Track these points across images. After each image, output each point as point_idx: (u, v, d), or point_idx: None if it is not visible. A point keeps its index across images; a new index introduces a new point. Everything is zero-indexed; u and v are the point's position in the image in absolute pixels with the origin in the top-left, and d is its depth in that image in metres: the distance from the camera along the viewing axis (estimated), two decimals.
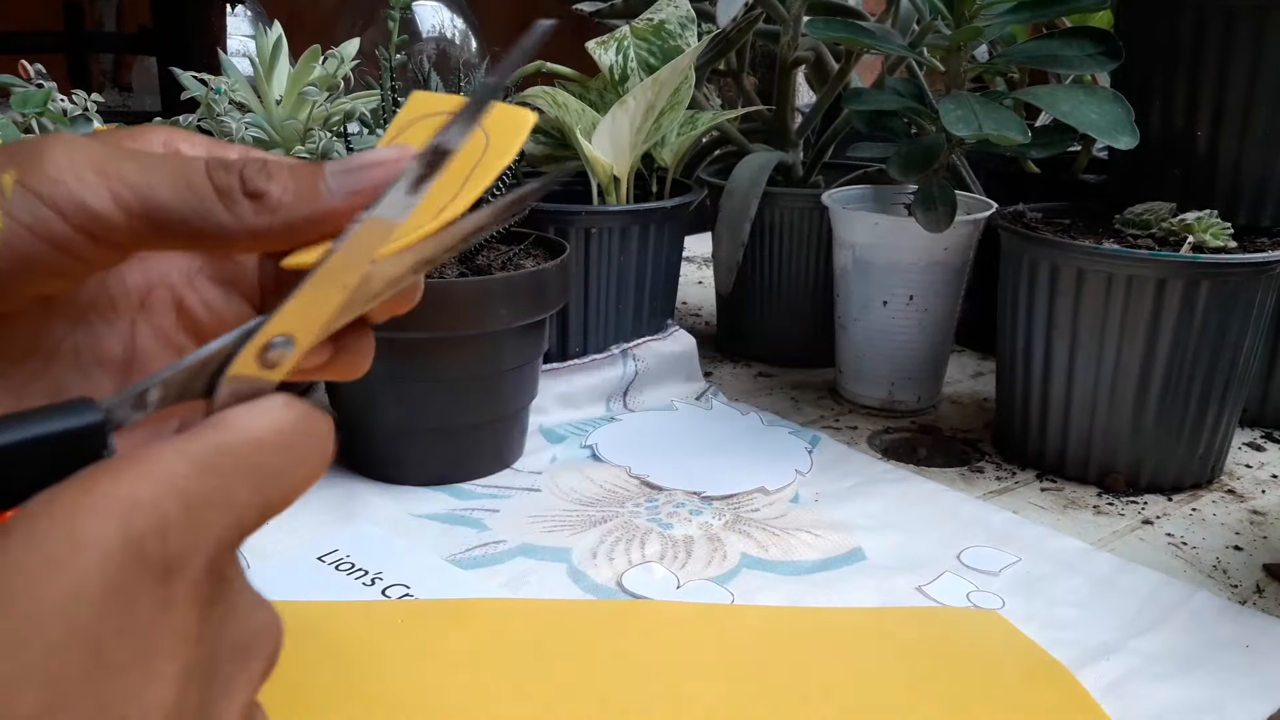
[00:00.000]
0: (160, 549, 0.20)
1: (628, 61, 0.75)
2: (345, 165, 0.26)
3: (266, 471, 0.23)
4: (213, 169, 0.25)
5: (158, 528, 0.20)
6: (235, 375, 0.24)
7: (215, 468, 0.22)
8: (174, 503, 0.21)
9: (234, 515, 0.22)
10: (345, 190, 0.25)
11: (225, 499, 0.22)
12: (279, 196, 0.25)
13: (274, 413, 0.23)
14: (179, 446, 0.22)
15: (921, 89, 0.75)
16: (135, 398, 0.23)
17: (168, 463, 0.21)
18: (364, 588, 0.51)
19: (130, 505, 0.20)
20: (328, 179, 0.25)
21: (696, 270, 1.17)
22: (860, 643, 0.49)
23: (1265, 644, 0.50)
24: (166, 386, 0.23)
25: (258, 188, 0.25)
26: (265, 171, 0.25)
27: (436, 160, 0.25)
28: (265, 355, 0.24)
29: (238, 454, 0.22)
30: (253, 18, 1.79)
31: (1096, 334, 0.63)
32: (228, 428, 0.23)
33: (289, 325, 0.24)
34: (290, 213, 0.25)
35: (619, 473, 0.65)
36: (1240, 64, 0.63)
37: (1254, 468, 0.70)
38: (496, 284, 0.59)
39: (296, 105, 0.68)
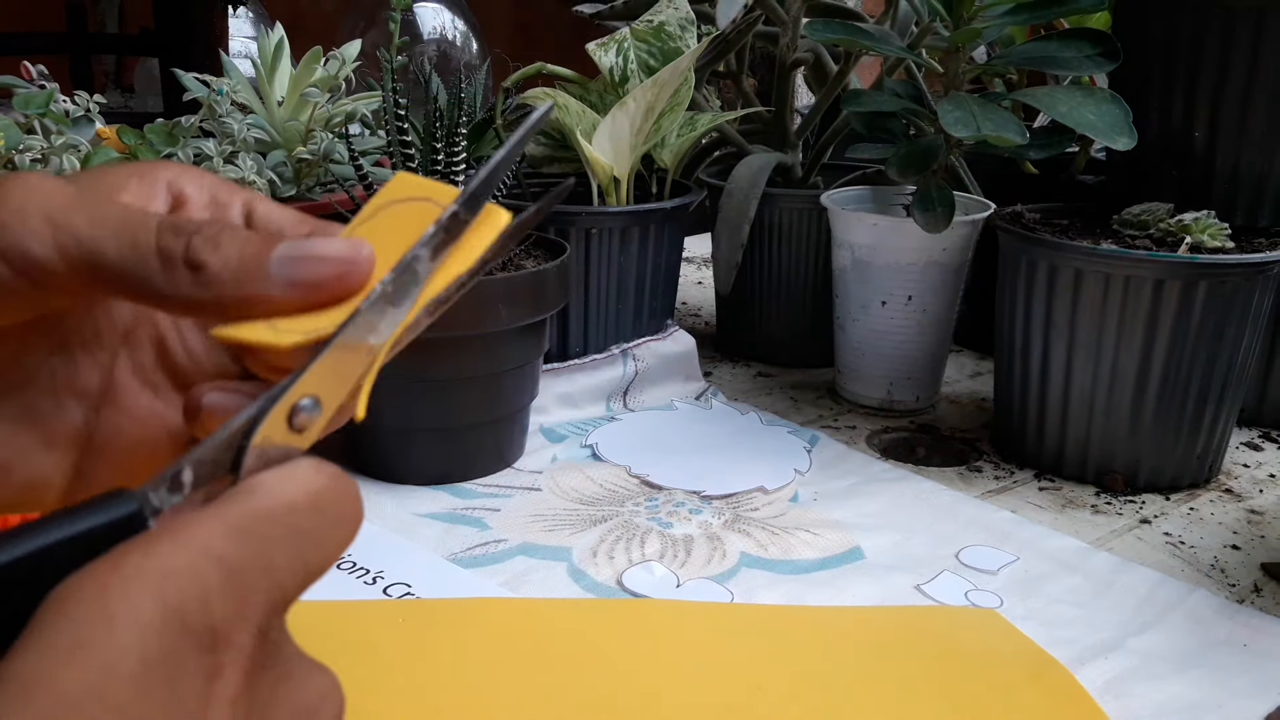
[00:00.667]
0: (203, 617, 0.20)
1: (628, 63, 0.75)
2: (296, 251, 0.25)
3: (304, 535, 0.22)
4: (163, 231, 0.24)
5: (199, 595, 0.20)
6: (264, 441, 0.23)
7: (252, 532, 0.21)
8: (213, 570, 0.20)
9: (276, 580, 0.21)
10: (286, 279, 0.25)
11: (265, 564, 0.21)
12: (217, 271, 0.24)
13: (305, 476, 0.23)
14: (212, 513, 0.21)
15: (920, 90, 0.75)
16: (170, 480, 0.22)
17: (203, 531, 0.21)
18: (365, 586, 0.52)
19: (164, 575, 0.20)
20: (275, 263, 0.25)
21: (696, 270, 1.17)
22: (859, 641, 0.49)
23: (1263, 643, 0.50)
24: (199, 465, 0.23)
25: (198, 258, 0.24)
26: (213, 242, 0.25)
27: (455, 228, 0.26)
28: (293, 419, 0.24)
29: (273, 518, 0.22)
30: (254, 19, 1.79)
31: (1094, 334, 0.63)
32: (261, 493, 0.22)
33: (315, 386, 0.24)
34: (223, 290, 0.25)
35: (619, 472, 0.66)
36: (1238, 65, 0.63)
37: (1251, 467, 0.70)
38: (497, 284, 0.59)
39: (298, 106, 0.68)
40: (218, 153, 0.65)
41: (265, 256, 0.25)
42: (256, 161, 0.66)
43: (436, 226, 0.25)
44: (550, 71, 0.81)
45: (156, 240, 0.24)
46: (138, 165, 0.29)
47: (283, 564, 0.22)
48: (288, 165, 0.70)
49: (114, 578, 0.19)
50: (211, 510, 0.21)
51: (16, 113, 0.63)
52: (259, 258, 0.25)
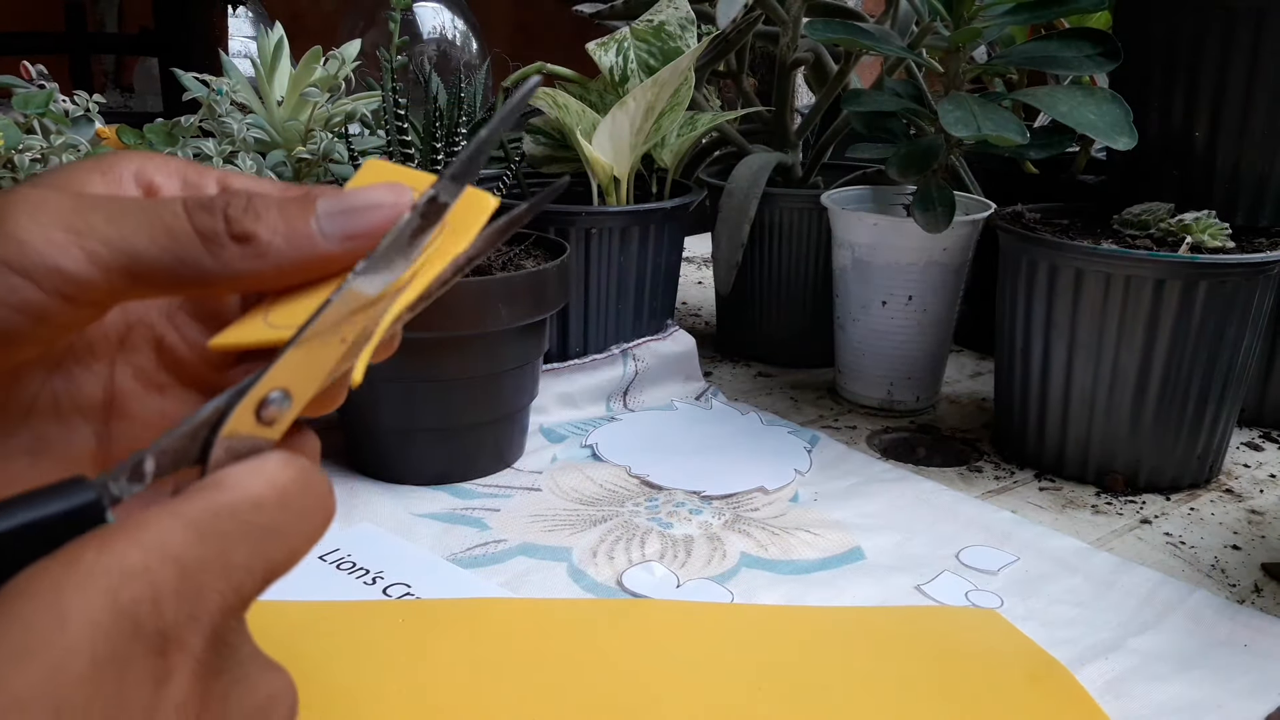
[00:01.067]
0: (154, 618, 0.19)
1: (628, 63, 0.75)
2: (340, 205, 0.24)
3: (267, 532, 0.21)
4: (193, 211, 0.23)
5: (150, 596, 0.19)
6: (231, 434, 0.22)
7: (212, 530, 0.20)
8: (168, 570, 0.19)
9: (234, 580, 0.21)
10: (339, 234, 0.24)
11: (224, 563, 0.20)
12: (268, 239, 0.23)
13: (272, 470, 0.22)
14: (172, 510, 0.20)
15: (920, 90, 0.75)
16: (131, 469, 0.22)
17: (161, 528, 0.20)
18: (365, 587, 0.52)
19: (118, 574, 0.19)
20: (321, 220, 0.24)
21: (696, 270, 1.17)
22: (859, 641, 0.49)
23: (1263, 643, 0.50)
24: (162, 455, 0.22)
25: (245, 229, 0.23)
26: (252, 210, 0.23)
27: (432, 212, 0.24)
28: (262, 411, 0.23)
29: (236, 515, 0.21)
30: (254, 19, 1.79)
31: (1095, 334, 0.63)
32: (225, 488, 0.21)
33: (286, 379, 0.23)
34: (281, 257, 0.23)
35: (619, 472, 0.66)
36: (1238, 65, 0.63)
37: (1252, 467, 0.70)
38: (497, 284, 0.59)
39: (298, 106, 0.68)
40: (217, 152, 0.65)
41: (308, 213, 0.24)
42: (256, 161, 0.66)
43: (413, 212, 0.24)
44: (550, 71, 0.81)
45: (191, 222, 0.23)
46: (95, 160, 0.26)
47: (242, 563, 0.21)
48: (287, 165, 0.70)
49: (68, 576, 0.19)
50: (172, 506, 0.21)
51: (16, 112, 0.63)
52: (303, 216, 0.24)
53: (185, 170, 0.27)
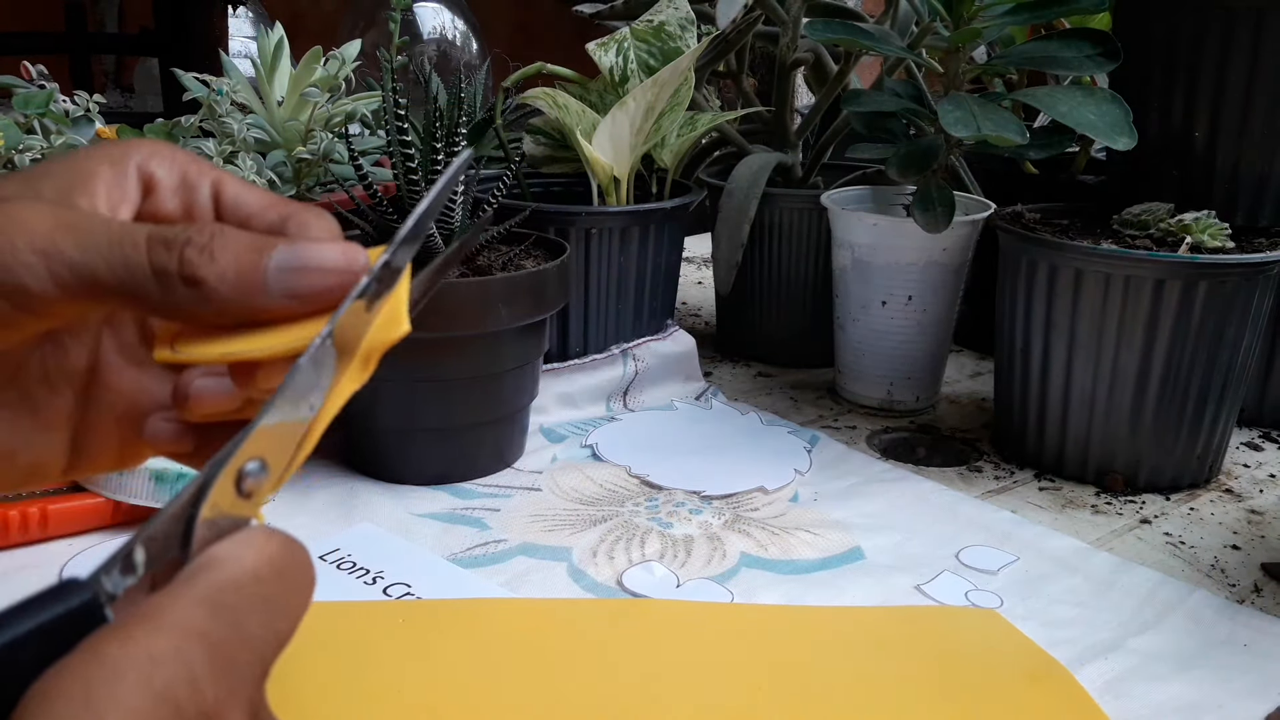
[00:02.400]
0: (195, 699, 0.19)
1: (628, 63, 0.75)
2: (293, 261, 0.25)
3: (270, 601, 0.22)
4: (153, 247, 0.24)
5: (187, 677, 0.19)
6: (213, 512, 0.22)
7: (225, 605, 0.21)
8: (197, 649, 0.19)
9: (255, 649, 0.21)
10: (285, 290, 0.25)
11: (243, 635, 0.21)
12: (215, 285, 0.24)
13: (259, 544, 0.22)
14: (181, 592, 0.20)
15: (920, 90, 0.75)
16: (122, 562, 0.21)
17: (176, 609, 0.20)
18: (365, 587, 0.52)
19: (147, 661, 0.19)
20: (271, 273, 0.25)
21: (696, 270, 1.17)
22: (859, 641, 0.49)
23: (1263, 643, 0.50)
24: (150, 542, 0.22)
25: (194, 274, 0.24)
26: (207, 253, 0.24)
27: (388, 277, 0.25)
28: (241, 484, 0.23)
29: (241, 589, 0.21)
30: (254, 19, 1.79)
31: (1094, 334, 0.63)
32: (223, 565, 0.21)
33: (261, 449, 0.23)
34: (224, 304, 0.25)
35: (619, 472, 0.66)
36: (1238, 65, 0.63)
37: (1252, 467, 0.70)
38: (497, 284, 0.59)
39: (298, 106, 0.68)
40: (217, 152, 0.65)
41: (261, 265, 0.25)
42: (256, 161, 0.66)
43: (369, 277, 0.25)
44: (550, 71, 0.81)
45: (149, 258, 0.24)
46: (110, 149, 0.29)
47: (258, 634, 0.21)
48: (287, 165, 0.70)
49: (95, 673, 0.18)
50: (178, 589, 0.21)
51: (16, 112, 0.63)
52: (256, 267, 0.25)
53: (187, 167, 0.29)
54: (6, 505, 0.53)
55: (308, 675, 0.44)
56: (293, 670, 0.44)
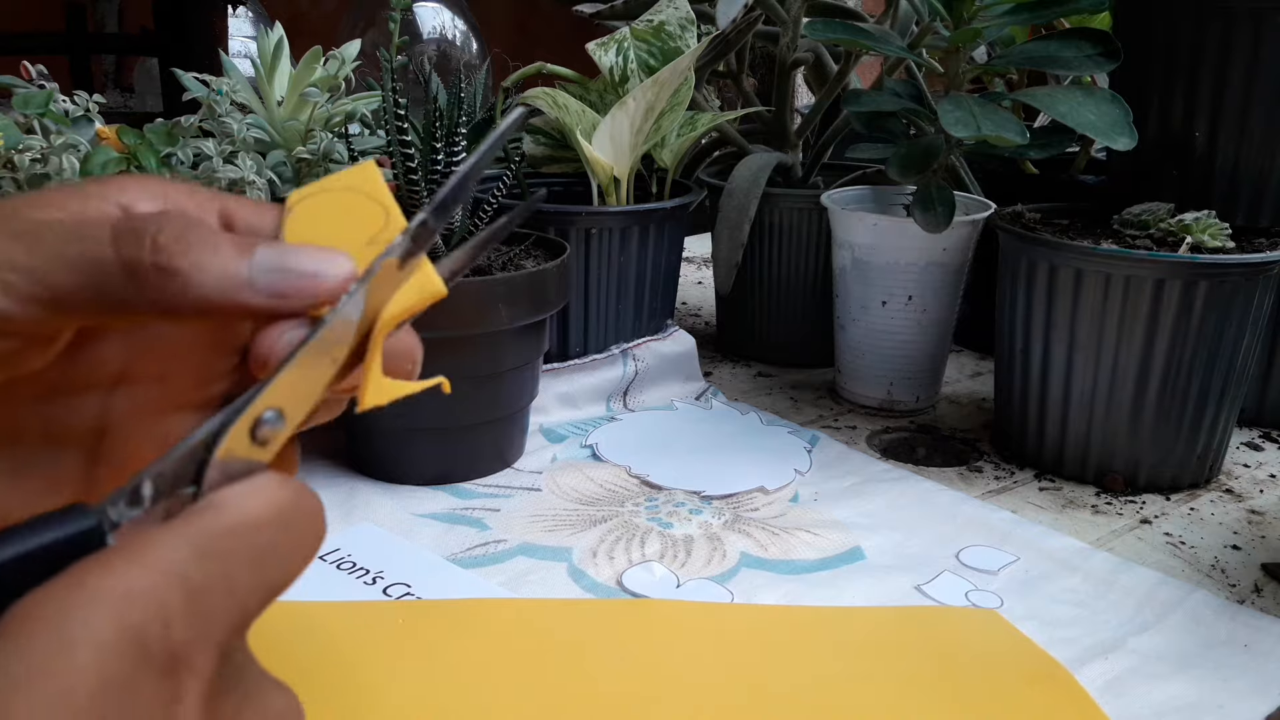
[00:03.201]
0: (163, 639, 0.19)
1: (628, 63, 0.75)
2: (278, 260, 0.23)
3: (267, 552, 0.21)
4: (121, 237, 0.22)
5: (159, 617, 0.19)
6: (226, 455, 0.23)
7: (215, 551, 0.20)
8: (175, 590, 0.19)
9: (238, 600, 0.21)
10: (269, 289, 0.23)
11: (228, 584, 0.20)
12: (193, 277, 0.22)
13: (270, 491, 0.22)
14: (175, 531, 0.20)
15: (920, 90, 0.75)
16: (129, 494, 0.22)
17: (164, 549, 0.20)
18: (365, 587, 0.52)
19: (124, 596, 0.19)
20: (254, 270, 0.23)
21: (696, 270, 1.17)
22: (859, 642, 0.49)
23: (1263, 643, 0.50)
24: (159, 478, 0.22)
25: (170, 263, 0.22)
26: (183, 242, 0.22)
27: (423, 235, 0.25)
28: (256, 431, 0.23)
29: (236, 535, 0.21)
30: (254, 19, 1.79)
31: (1094, 334, 0.63)
32: (224, 509, 0.21)
33: (279, 399, 0.23)
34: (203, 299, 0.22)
35: (619, 472, 0.66)
36: (1238, 65, 0.63)
37: (1252, 467, 0.70)
38: (497, 284, 0.59)
39: (298, 106, 0.68)
40: (217, 153, 0.65)
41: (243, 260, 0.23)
42: (256, 161, 0.66)
43: (404, 235, 0.25)
44: (550, 71, 0.81)
45: (115, 251, 0.22)
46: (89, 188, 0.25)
47: (245, 583, 0.21)
48: (287, 165, 0.70)
49: (73, 598, 0.18)
50: (174, 527, 0.20)
51: (16, 113, 0.63)
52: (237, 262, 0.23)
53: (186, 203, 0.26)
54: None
55: (308, 675, 0.44)
56: (293, 670, 0.44)
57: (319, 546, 0.23)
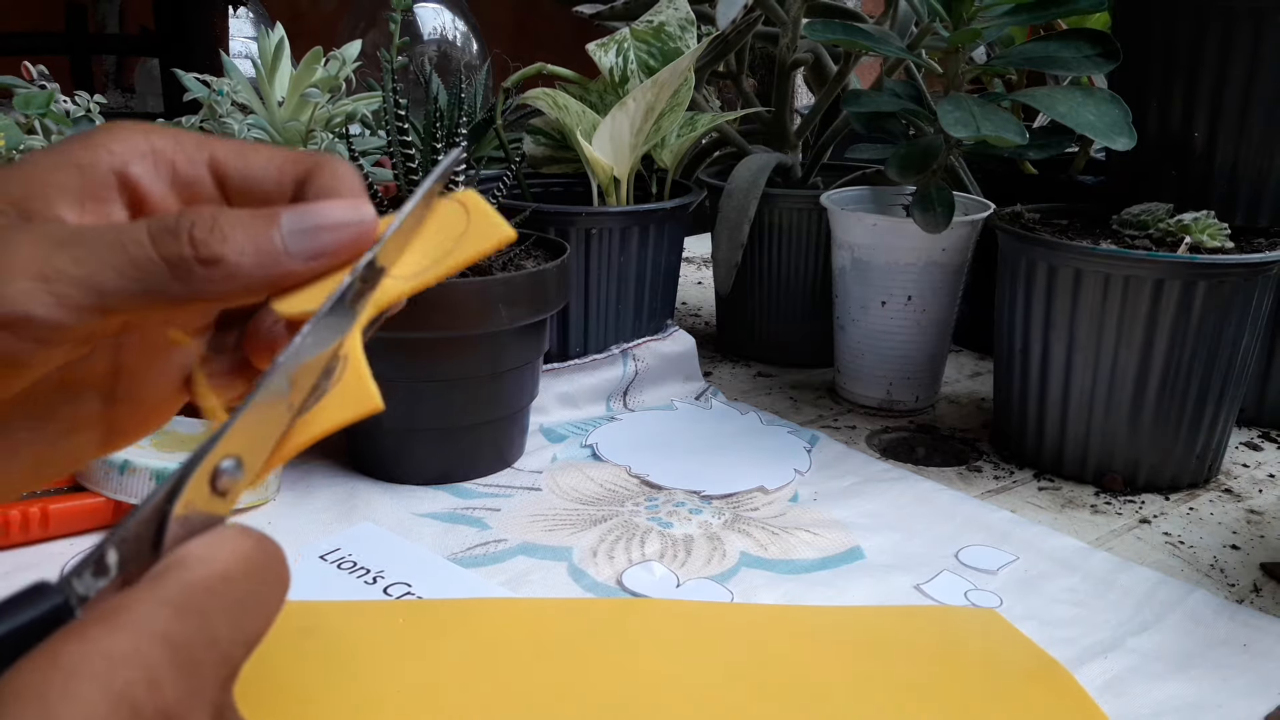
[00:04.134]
0: (154, 699, 0.18)
1: (628, 63, 0.75)
2: (304, 222, 0.24)
3: (240, 602, 0.21)
4: (158, 237, 0.23)
5: (146, 679, 0.18)
6: (187, 508, 0.22)
7: (191, 607, 0.20)
8: (157, 650, 0.19)
9: (222, 651, 0.20)
10: (305, 252, 0.24)
11: (210, 637, 0.20)
12: (236, 261, 0.23)
13: (233, 543, 0.22)
14: (147, 591, 0.20)
15: (919, 91, 0.75)
16: (95, 564, 0.21)
17: (140, 610, 0.19)
18: (365, 586, 0.52)
19: (105, 661, 0.18)
20: (286, 239, 0.24)
21: (696, 270, 1.17)
22: (858, 641, 0.49)
23: (1262, 643, 0.50)
24: (123, 544, 0.21)
25: (212, 253, 0.23)
26: (218, 231, 0.23)
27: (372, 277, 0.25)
28: (215, 482, 0.22)
29: (210, 590, 0.21)
30: (255, 20, 1.79)
31: (1094, 334, 0.63)
32: (192, 564, 0.21)
33: (237, 446, 0.23)
34: (249, 278, 0.23)
35: (619, 472, 0.66)
36: (1237, 65, 0.63)
37: (1251, 467, 0.70)
38: (496, 284, 0.59)
39: (298, 107, 0.68)
40: None
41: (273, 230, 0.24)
42: None
43: (353, 276, 0.25)
44: (550, 71, 0.81)
45: (157, 251, 0.23)
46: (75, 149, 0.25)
47: (226, 635, 0.20)
48: None
49: (52, 672, 0.18)
50: (144, 589, 0.20)
51: (17, 113, 0.63)
52: (267, 233, 0.24)
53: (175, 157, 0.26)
54: (7, 505, 0.53)
55: (308, 675, 0.44)
56: (293, 670, 0.44)
57: (287, 591, 0.23)
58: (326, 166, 0.26)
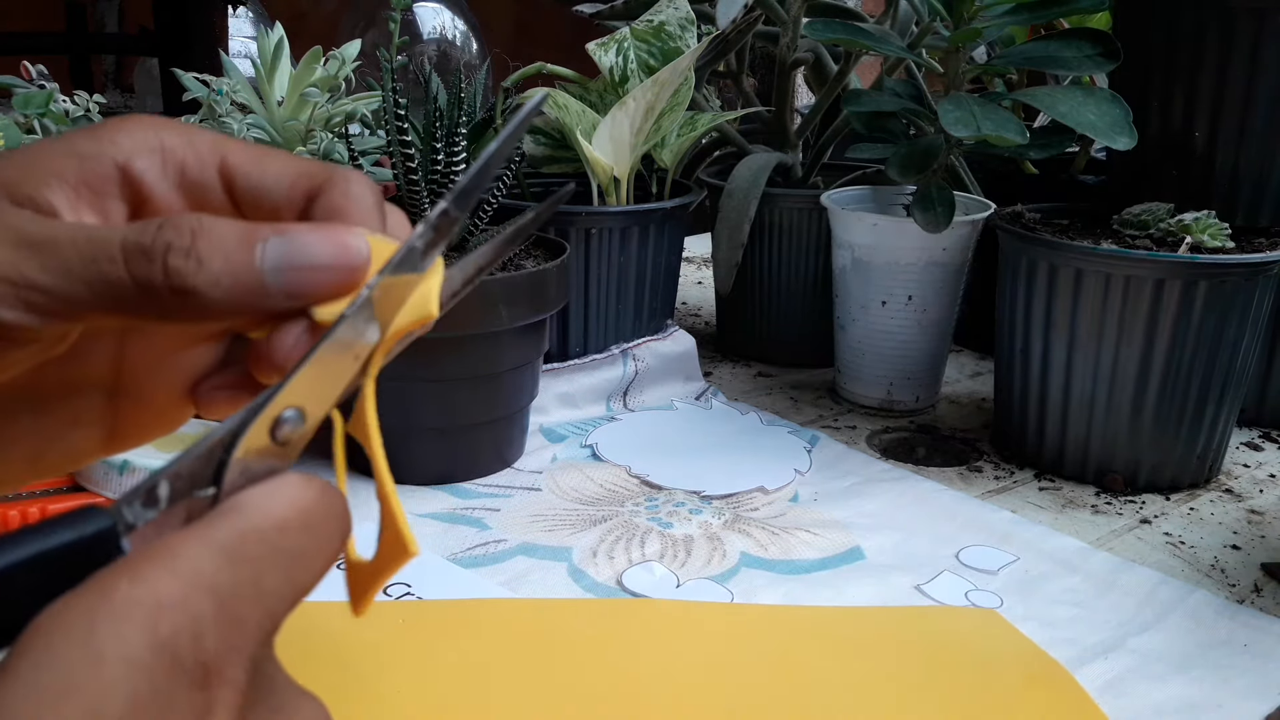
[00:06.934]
0: (195, 651, 0.18)
1: (628, 63, 0.75)
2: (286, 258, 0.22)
3: (294, 555, 0.21)
4: (131, 257, 0.21)
5: (191, 628, 0.18)
6: (245, 455, 0.22)
7: (242, 556, 0.20)
8: (206, 600, 0.19)
9: (267, 606, 0.20)
10: (284, 291, 0.22)
11: (256, 589, 0.20)
12: (208, 293, 0.22)
13: (293, 492, 0.21)
14: (201, 536, 0.20)
15: (920, 90, 0.75)
16: (145, 494, 0.21)
17: (192, 556, 0.19)
18: None
19: (155, 607, 0.18)
20: (268, 273, 0.22)
21: (696, 270, 1.17)
22: (859, 641, 0.49)
23: (1263, 643, 0.50)
24: (175, 478, 0.21)
25: (184, 284, 0.21)
26: (194, 257, 0.22)
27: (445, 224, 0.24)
28: (276, 432, 0.22)
29: (263, 539, 0.20)
30: (254, 19, 1.79)
31: (1094, 334, 0.63)
32: (249, 512, 0.21)
33: (299, 398, 0.22)
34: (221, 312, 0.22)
35: (619, 472, 0.66)
36: (1238, 65, 0.63)
37: (1252, 467, 0.70)
38: (497, 284, 0.59)
39: (298, 106, 0.68)
40: None
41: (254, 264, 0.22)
42: None
43: (426, 225, 0.24)
44: (550, 71, 0.81)
45: (128, 271, 0.22)
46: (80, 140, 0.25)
47: (273, 588, 0.20)
48: None
49: (101, 609, 0.18)
50: (199, 532, 0.20)
51: (16, 113, 0.63)
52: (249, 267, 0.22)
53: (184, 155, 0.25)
54: (6, 505, 0.53)
55: (308, 675, 0.44)
56: (293, 670, 0.44)
57: (344, 546, 0.23)
58: (339, 185, 0.25)
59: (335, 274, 0.23)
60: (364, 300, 0.23)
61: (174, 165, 0.25)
